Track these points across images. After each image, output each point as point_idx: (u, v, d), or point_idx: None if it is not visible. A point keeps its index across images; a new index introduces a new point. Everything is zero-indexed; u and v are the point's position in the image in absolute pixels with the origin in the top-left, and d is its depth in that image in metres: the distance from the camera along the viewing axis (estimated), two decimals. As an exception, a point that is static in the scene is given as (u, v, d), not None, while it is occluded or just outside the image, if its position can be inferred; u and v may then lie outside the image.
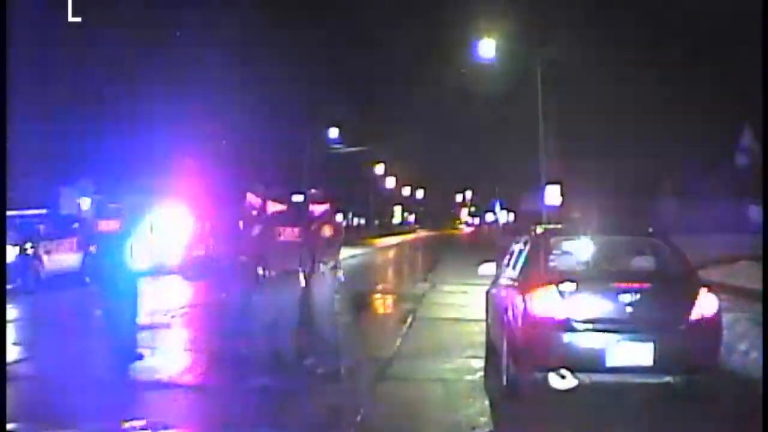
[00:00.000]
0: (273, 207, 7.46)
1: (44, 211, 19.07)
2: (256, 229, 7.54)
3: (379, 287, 18.87)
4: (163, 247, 20.99)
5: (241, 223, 7.83)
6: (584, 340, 6.17)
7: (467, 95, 48.68)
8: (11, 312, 11.13)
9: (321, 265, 7.56)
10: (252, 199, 7.81)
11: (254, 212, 7.75)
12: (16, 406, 6.02)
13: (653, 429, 5.98)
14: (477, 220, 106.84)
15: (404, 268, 29.44)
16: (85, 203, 28.00)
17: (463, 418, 6.22)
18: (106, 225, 8.19)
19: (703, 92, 26.05)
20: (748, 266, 13.66)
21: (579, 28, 26.37)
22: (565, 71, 26.71)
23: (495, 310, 7.92)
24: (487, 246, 32.59)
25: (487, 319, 8.80)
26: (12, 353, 7.80)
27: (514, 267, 7.52)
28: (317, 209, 7.83)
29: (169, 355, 9.13)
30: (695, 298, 6.25)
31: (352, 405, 6.46)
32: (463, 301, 13.65)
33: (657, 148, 28.66)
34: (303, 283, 7.25)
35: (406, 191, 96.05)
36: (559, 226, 11.18)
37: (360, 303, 13.55)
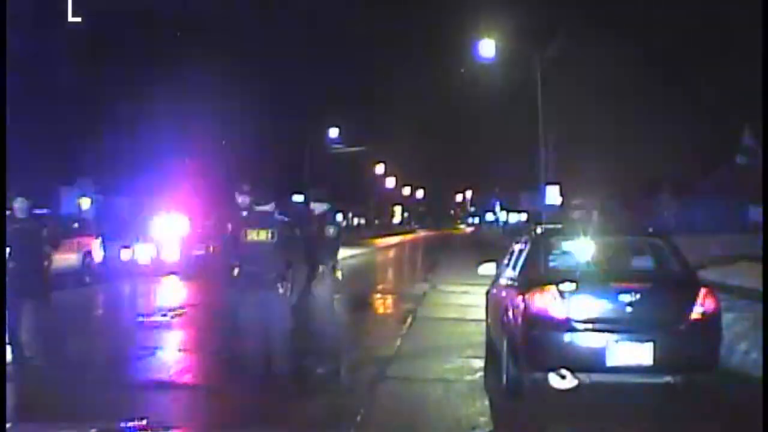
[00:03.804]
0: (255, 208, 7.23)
1: (44, 211, 19.05)
2: (229, 230, 7.39)
3: (379, 287, 18.87)
4: (160, 246, 21.07)
5: (229, 225, 7.71)
6: (584, 340, 6.17)
7: (467, 95, 48.71)
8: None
9: (321, 265, 7.54)
10: (239, 199, 7.71)
11: (244, 213, 7.69)
12: (16, 406, 6.03)
13: (653, 429, 5.99)
14: (477, 220, 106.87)
15: (404, 268, 29.44)
16: (85, 203, 28.01)
17: (463, 418, 6.22)
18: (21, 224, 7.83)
19: (703, 92, 26.06)
20: (748, 266, 13.65)
21: (579, 28, 26.36)
22: (566, 71, 26.70)
23: (495, 310, 7.92)
24: (487, 246, 32.62)
25: (487, 319, 8.79)
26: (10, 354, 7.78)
27: (514, 267, 7.52)
28: (318, 208, 7.81)
29: (169, 355, 9.13)
30: (695, 298, 6.25)
31: (352, 405, 6.46)
32: (463, 302, 13.64)
33: (657, 148, 28.67)
34: (282, 287, 7.01)
35: (406, 191, 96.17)
36: (559, 226, 11.18)
37: (360, 303, 13.56)
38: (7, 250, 7.79)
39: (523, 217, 49.52)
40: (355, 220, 73.39)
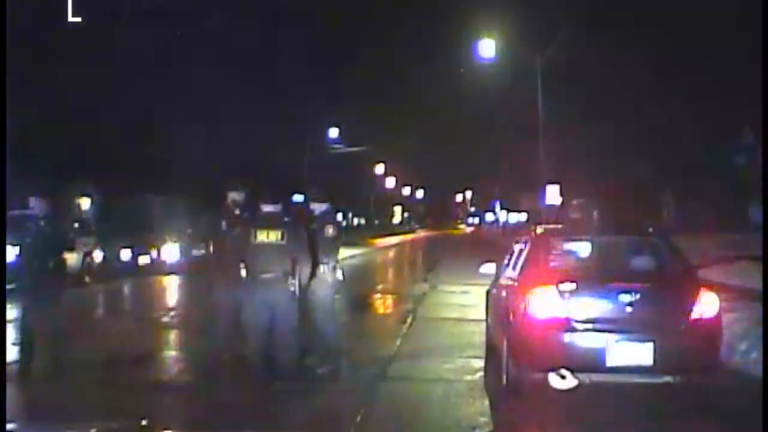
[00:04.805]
0: (263, 207, 7.28)
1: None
2: (237, 230, 7.43)
3: (379, 287, 18.87)
4: (160, 246, 21.08)
5: (224, 224, 7.74)
6: (584, 340, 6.18)
7: (467, 95, 48.68)
8: (11, 312, 11.13)
9: (322, 265, 7.55)
10: (234, 198, 7.74)
11: (237, 212, 7.72)
12: (17, 406, 6.03)
13: (653, 429, 5.99)
14: (477, 220, 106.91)
15: (404, 269, 29.44)
16: (85, 203, 28.00)
17: (463, 418, 6.22)
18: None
19: (703, 92, 26.05)
20: (748, 266, 13.65)
21: (579, 28, 26.37)
22: (565, 71, 26.71)
23: (495, 310, 7.92)
24: (488, 246, 32.61)
25: (487, 319, 8.80)
26: (12, 353, 7.79)
27: (514, 267, 7.52)
28: (318, 208, 7.82)
29: (169, 355, 9.13)
30: (695, 298, 6.25)
31: (352, 405, 6.46)
32: (464, 302, 13.64)
33: (657, 148, 28.68)
34: (292, 287, 7.05)
35: (406, 191, 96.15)
36: (559, 226, 11.19)
37: (360, 303, 13.56)
38: (17, 249, 7.80)
39: (523, 217, 49.52)
40: (355, 220, 73.36)
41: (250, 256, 7.02)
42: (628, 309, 6.16)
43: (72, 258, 16.52)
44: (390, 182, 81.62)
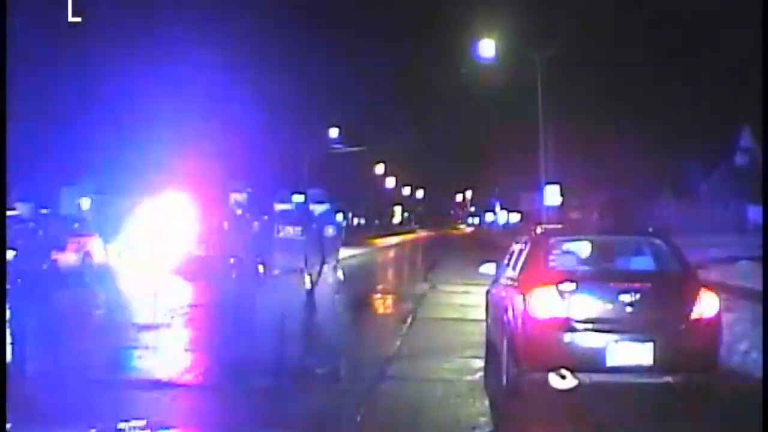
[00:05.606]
0: (276, 206, 7.46)
1: (44, 211, 19.00)
2: (255, 227, 7.55)
3: (380, 287, 18.86)
4: (161, 245, 21.06)
5: (226, 224, 7.82)
6: (584, 340, 6.18)
7: (467, 95, 48.71)
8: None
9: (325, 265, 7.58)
10: (236, 198, 7.82)
11: (239, 211, 7.78)
12: (17, 406, 6.03)
13: (653, 429, 5.99)
14: (477, 220, 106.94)
15: (404, 269, 29.43)
16: (85, 203, 28.02)
17: (463, 418, 6.22)
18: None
19: (703, 92, 26.10)
20: (748, 266, 13.66)
21: (579, 28, 26.39)
22: (566, 71, 26.74)
23: (495, 310, 7.92)
24: (488, 246, 32.62)
25: (487, 319, 8.80)
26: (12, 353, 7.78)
27: (514, 267, 7.52)
28: (318, 209, 7.85)
29: (169, 355, 9.12)
30: (695, 298, 6.25)
31: (352, 405, 6.46)
32: (464, 302, 13.64)
33: (657, 148, 28.70)
34: (309, 285, 7.20)
35: (406, 191, 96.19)
36: (559, 226, 11.19)
37: (360, 303, 13.55)
38: (12, 252, 7.78)
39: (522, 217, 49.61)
40: (355, 220, 73.35)
41: (271, 250, 7.18)
42: (628, 309, 6.16)
43: (72, 258, 16.57)
44: (390, 182, 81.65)
